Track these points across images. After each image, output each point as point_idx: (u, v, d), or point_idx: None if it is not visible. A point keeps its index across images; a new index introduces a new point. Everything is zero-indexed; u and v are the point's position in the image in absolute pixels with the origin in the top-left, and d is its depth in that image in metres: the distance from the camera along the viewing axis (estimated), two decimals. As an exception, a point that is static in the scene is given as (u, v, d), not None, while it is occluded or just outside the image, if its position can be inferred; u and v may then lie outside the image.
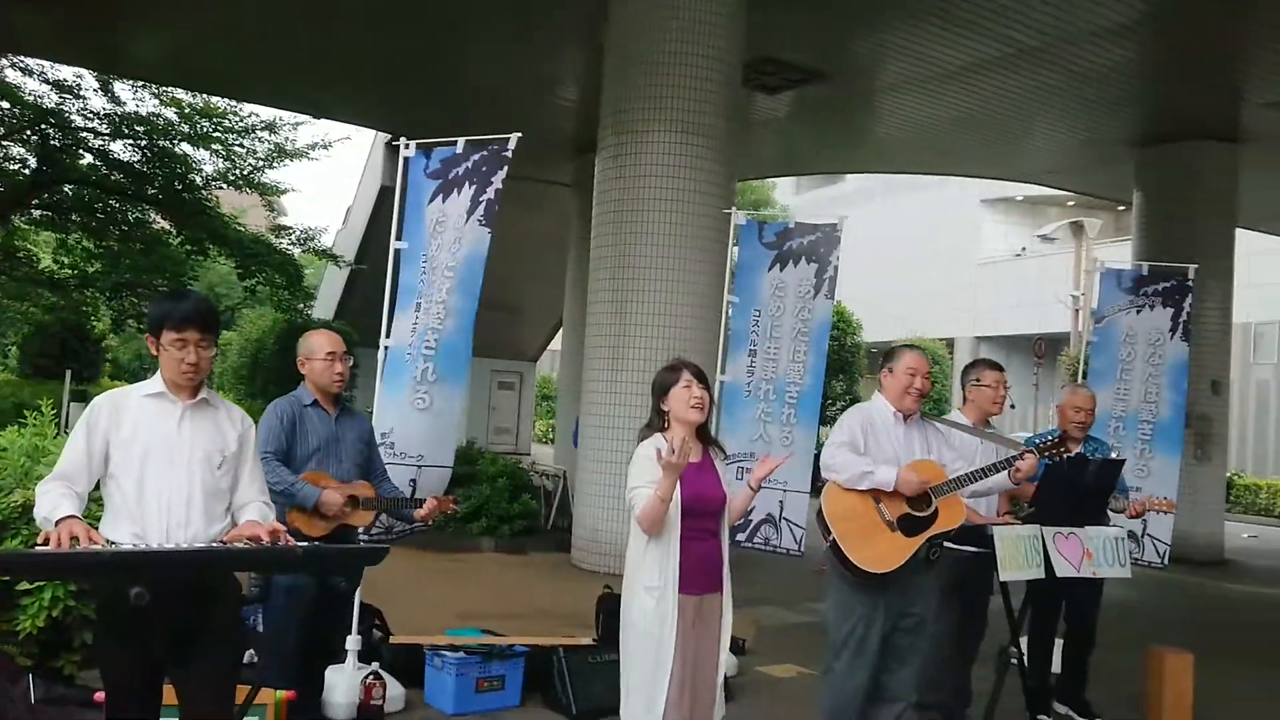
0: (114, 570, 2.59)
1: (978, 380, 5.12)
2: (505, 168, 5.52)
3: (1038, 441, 4.60)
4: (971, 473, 4.26)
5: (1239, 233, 14.16)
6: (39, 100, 15.95)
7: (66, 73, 15.94)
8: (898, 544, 4.12)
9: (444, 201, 5.55)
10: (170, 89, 16.52)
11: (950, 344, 33.01)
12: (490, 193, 5.50)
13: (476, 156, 5.55)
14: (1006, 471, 4.33)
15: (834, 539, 4.12)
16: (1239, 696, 6.22)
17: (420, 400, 5.47)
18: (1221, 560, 13.36)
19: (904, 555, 4.11)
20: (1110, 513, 5.61)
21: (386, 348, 5.45)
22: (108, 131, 16.66)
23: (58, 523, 2.63)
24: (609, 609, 5.83)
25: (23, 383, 18.15)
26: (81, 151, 16.90)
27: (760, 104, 13.48)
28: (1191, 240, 13.08)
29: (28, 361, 20.88)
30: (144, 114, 16.66)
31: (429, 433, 5.50)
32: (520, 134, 5.54)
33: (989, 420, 5.14)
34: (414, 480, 5.30)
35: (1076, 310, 26.92)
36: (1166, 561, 7.70)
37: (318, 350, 4.27)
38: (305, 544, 2.96)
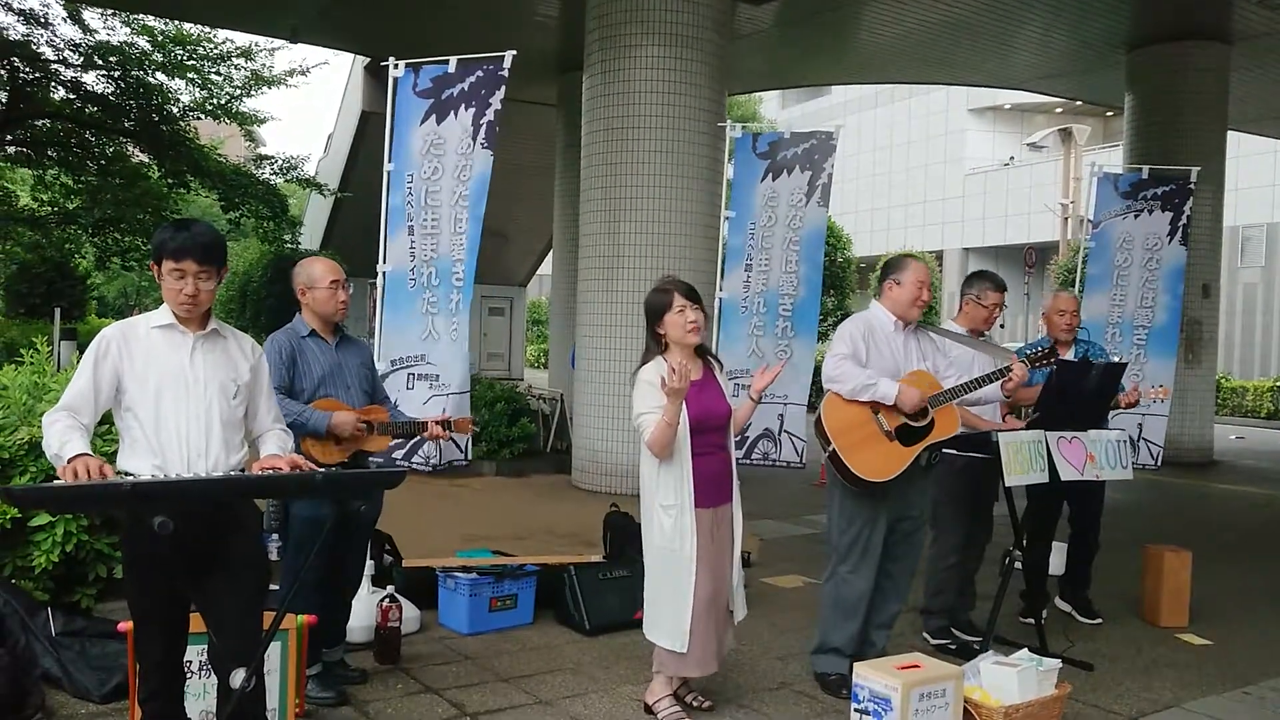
0: (135, 501, 2.58)
1: (978, 298, 5.08)
2: (503, 87, 5.44)
3: (1029, 352, 4.65)
4: (967, 383, 4.34)
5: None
6: (4, 32, 15.47)
7: (32, 1, 15.50)
8: (896, 453, 4.19)
9: (438, 124, 5.45)
10: (141, 16, 16.05)
11: (939, 256, 32.97)
12: (490, 114, 5.45)
13: (472, 78, 5.45)
14: (1000, 382, 4.37)
15: (834, 449, 4.17)
16: (1231, 591, 6.36)
17: (454, 332, 5.51)
18: (1211, 461, 13.58)
19: (902, 465, 4.18)
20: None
21: (385, 273, 5.39)
22: (79, 62, 16.22)
23: (70, 460, 2.61)
24: (616, 527, 5.90)
25: (9, 323, 18.02)
26: (54, 85, 16.47)
27: (745, 15, 13.20)
28: (1184, 143, 13.00)
29: (14, 301, 20.71)
30: (116, 43, 16.21)
31: (456, 360, 5.56)
32: (515, 51, 5.43)
33: (981, 332, 5.16)
34: (445, 408, 5.26)
35: (1066, 219, 26.81)
36: (1160, 463, 7.84)
37: (320, 279, 4.14)
38: (323, 469, 2.96)
